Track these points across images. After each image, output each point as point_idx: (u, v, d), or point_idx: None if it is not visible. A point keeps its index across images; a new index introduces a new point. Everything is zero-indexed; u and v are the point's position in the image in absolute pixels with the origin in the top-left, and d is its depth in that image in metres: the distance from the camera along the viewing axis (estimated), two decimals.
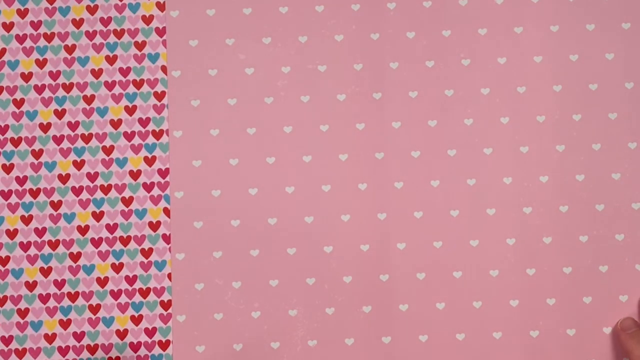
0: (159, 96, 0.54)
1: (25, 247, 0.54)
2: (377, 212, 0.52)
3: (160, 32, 0.53)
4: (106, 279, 0.54)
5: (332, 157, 0.52)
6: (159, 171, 0.53)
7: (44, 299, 0.54)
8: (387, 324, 0.51)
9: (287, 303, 0.51)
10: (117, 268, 0.54)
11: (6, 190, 0.54)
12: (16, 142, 0.54)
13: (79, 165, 0.54)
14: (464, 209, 0.51)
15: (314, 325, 0.51)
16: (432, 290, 0.50)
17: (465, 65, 0.52)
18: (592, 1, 0.51)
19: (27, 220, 0.54)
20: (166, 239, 0.52)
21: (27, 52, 0.55)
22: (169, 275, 0.52)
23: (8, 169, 0.54)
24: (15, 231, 0.54)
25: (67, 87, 0.54)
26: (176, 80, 0.52)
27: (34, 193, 0.54)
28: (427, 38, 0.52)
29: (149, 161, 0.54)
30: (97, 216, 0.54)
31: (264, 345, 0.51)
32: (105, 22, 0.55)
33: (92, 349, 0.52)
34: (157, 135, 0.53)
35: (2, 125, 0.54)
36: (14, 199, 0.54)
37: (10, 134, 0.54)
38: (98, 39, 0.54)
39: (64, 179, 0.54)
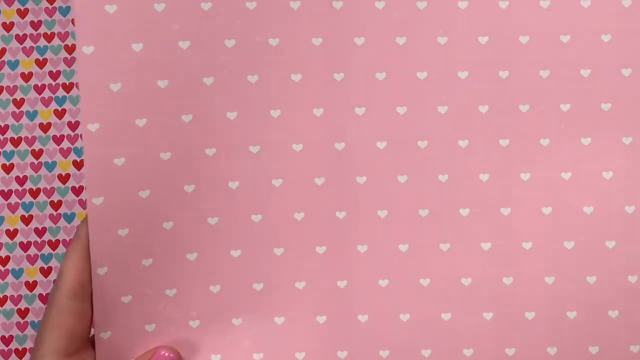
0: None
1: (25, 247, 0.53)
2: (335, 210, 0.45)
3: None
4: None
5: (285, 148, 0.45)
6: None
7: (44, 299, 0.52)
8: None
9: (231, 311, 0.45)
10: None
11: (6, 190, 0.54)
12: (16, 142, 0.54)
13: (78, 165, 0.54)
14: (434, 208, 0.46)
15: (261, 337, 0.45)
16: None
17: (442, 43, 0.45)
18: None
19: (27, 220, 0.54)
20: None
21: (27, 52, 0.55)
22: None
23: (8, 168, 0.54)
24: (15, 231, 0.54)
25: (67, 87, 0.54)
26: (89, 58, 0.43)
27: (34, 193, 0.54)
28: (399, 10, 0.45)
29: None
30: None
31: (203, 359, 0.45)
32: None
33: None
34: None
35: (2, 125, 0.54)
36: (14, 199, 0.54)
37: (10, 133, 0.54)
38: None
39: (64, 178, 0.54)
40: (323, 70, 0.45)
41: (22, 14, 0.53)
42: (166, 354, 0.44)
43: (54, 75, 0.52)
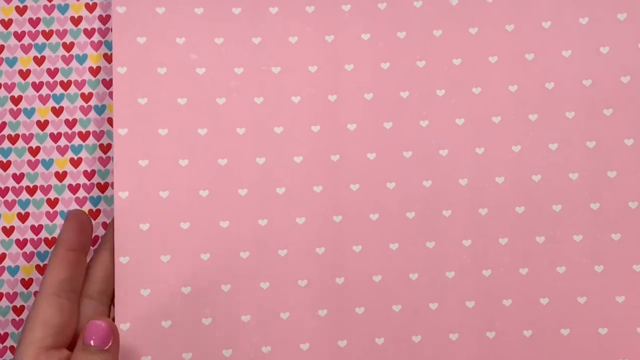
0: None
1: (21, 244, 0.52)
2: (332, 214, 0.49)
3: None
4: None
5: (287, 160, 0.50)
6: None
7: None
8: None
9: (240, 309, 0.48)
10: None
11: (2, 187, 0.53)
12: (13, 139, 0.53)
13: (75, 162, 0.53)
14: (419, 210, 0.49)
15: (268, 331, 0.48)
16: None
17: (421, 67, 0.51)
18: None
19: (23, 217, 0.53)
20: None
21: (25, 49, 0.54)
22: None
23: (5, 165, 0.53)
24: (12, 228, 0.52)
25: (65, 85, 0.54)
26: (122, 77, 0.49)
27: (31, 190, 0.53)
28: (383, 40, 0.51)
29: None
30: (94, 214, 0.53)
31: (215, 354, 0.47)
32: (104, 20, 0.55)
33: None
34: None
35: (0, 123, 0.54)
36: (10, 196, 0.53)
37: (7, 131, 0.54)
38: (96, 37, 0.54)
39: (60, 176, 0.53)
40: (319, 93, 0.51)
41: (21, 11, 0.54)
42: (99, 323, 0.43)
43: (52, 73, 0.55)
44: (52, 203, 0.53)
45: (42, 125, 0.53)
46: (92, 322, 0.44)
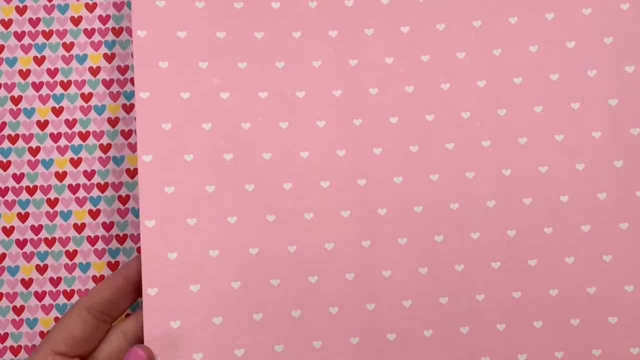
0: None
1: (21, 244, 0.52)
2: (361, 239, 0.48)
3: None
4: (102, 277, 0.52)
5: (314, 185, 0.48)
6: None
7: (40, 296, 0.51)
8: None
9: (273, 338, 0.47)
10: (113, 267, 0.53)
11: (2, 187, 0.53)
12: (13, 139, 0.53)
13: (76, 163, 0.53)
14: (447, 234, 0.48)
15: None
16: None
17: (445, 89, 0.50)
18: (572, 18, 0.49)
19: (23, 217, 0.52)
20: None
21: (25, 49, 0.53)
22: None
23: (5, 165, 0.52)
24: (12, 228, 0.52)
25: (65, 85, 0.53)
26: (145, 102, 0.48)
27: (31, 190, 0.52)
28: (406, 63, 0.50)
29: None
30: (94, 214, 0.53)
31: None
32: (104, 20, 0.54)
33: None
34: None
35: (0, 123, 0.54)
36: (10, 196, 0.52)
37: (7, 131, 0.53)
38: (96, 37, 0.54)
39: (61, 176, 0.52)
40: (344, 117, 0.50)
41: (21, 11, 0.54)
42: (140, 353, 0.44)
43: (52, 73, 0.54)
44: (52, 203, 0.52)
45: (42, 125, 0.53)
46: (134, 349, 0.45)
